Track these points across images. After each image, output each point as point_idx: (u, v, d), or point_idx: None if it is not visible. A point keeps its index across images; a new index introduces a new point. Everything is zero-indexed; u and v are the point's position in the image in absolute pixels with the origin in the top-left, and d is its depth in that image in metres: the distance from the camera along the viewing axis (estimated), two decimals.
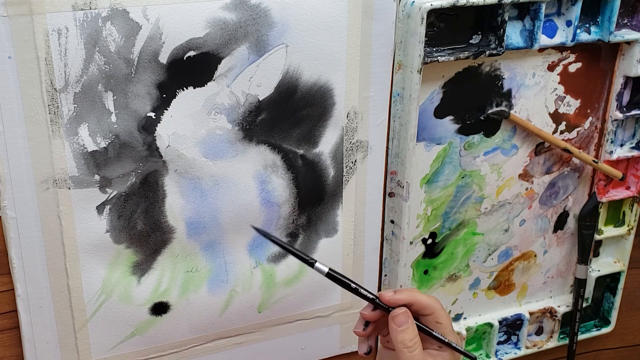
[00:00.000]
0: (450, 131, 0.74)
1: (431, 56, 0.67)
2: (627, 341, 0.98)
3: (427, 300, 0.59)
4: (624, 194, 0.84)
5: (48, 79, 0.56)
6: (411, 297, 0.59)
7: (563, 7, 0.72)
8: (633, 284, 0.93)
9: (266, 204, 0.68)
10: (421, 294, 0.60)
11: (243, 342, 0.73)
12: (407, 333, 0.58)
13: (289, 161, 0.67)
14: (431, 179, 0.75)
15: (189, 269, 0.67)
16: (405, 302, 0.59)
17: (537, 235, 0.84)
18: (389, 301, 0.59)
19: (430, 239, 0.79)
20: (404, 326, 0.58)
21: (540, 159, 0.80)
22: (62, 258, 0.62)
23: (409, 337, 0.58)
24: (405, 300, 0.59)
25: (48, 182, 0.59)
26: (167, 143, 0.62)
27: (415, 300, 0.59)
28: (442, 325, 0.59)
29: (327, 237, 0.72)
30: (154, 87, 0.60)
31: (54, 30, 0.55)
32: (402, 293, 0.59)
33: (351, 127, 0.69)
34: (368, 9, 0.65)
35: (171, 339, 0.69)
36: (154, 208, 0.64)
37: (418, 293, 0.60)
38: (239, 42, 0.61)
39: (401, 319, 0.58)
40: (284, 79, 0.64)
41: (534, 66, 0.74)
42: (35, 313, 0.63)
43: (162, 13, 0.57)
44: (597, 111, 0.80)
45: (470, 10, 0.69)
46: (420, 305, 0.59)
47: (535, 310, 0.88)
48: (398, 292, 0.59)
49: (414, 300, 0.59)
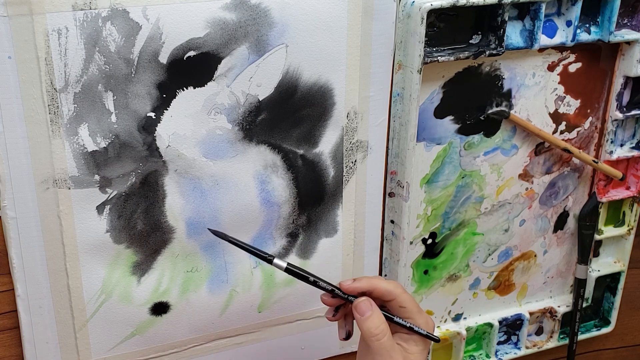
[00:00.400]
0: (450, 131, 0.74)
1: (431, 56, 0.67)
2: (627, 341, 0.98)
3: (387, 285, 0.59)
4: (624, 194, 0.84)
5: (48, 79, 0.56)
6: (370, 285, 0.59)
7: (563, 7, 0.72)
8: (633, 284, 0.93)
9: (266, 204, 0.68)
10: (381, 280, 0.60)
11: (243, 342, 0.73)
12: (371, 321, 0.58)
13: (289, 161, 0.67)
14: (431, 179, 0.75)
15: (189, 269, 0.67)
16: (365, 289, 0.59)
17: (537, 235, 0.84)
18: (348, 290, 0.59)
19: (430, 239, 0.79)
20: (367, 314, 0.58)
21: (540, 159, 0.80)
22: (62, 258, 0.62)
23: (374, 325, 0.57)
24: (364, 288, 0.59)
25: (48, 182, 0.59)
26: (167, 143, 0.62)
27: (375, 287, 0.59)
28: (406, 309, 0.59)
29: (327, 237, 0.72)
30: (154, 87, 0.60)
31: (54, 30, 0.55)
32: (361, 281, 0.59)
33: (351, 127, 0.69)
34: (368, 9, 0.65)
35: (171, 339, 0.69)
36: (154, 208, 0.64)
37: (378, 280, 0.60)
38: (239, 42, 0.61)
39: (362, 307, 0.58)
40: (284, 79, 0.64)
41: (534, 66, 0.74)
42: (35, 313, 0.63)
43: (162, 13, 0.57)
44: (597, 111, 0.80)
45: (470, 10, 0.69)
46: (380, 292, 0.59)
47: (535, 310, 0.88)
48: (357, 281, 0.59)
49: (373, 287, 0.59)
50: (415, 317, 0.59)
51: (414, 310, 0.59)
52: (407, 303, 0.59)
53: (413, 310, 0.59)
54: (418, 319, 0.59)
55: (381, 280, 0.60)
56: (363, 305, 0.58)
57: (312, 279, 0.59)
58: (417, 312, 0.60)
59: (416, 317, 0.59)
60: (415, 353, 0.59)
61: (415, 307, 0.60)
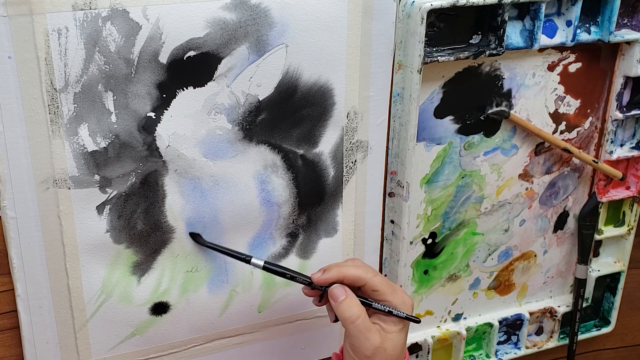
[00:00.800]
0: (450, 131, 0.74)
1: (431, 56, 0.67)
2: (627, 341, 0.98)
3: (355, 272, 0.61)
4: (624, 194, 0.84)
5: (48, 79, 0.56)
6: (339, 274, 0.61)
7: (563, 7, 0.72)
8: (633, 284, 0.93)
9: (266, 204, 0.68)
10: (349, 267, 0.61)
11: (243, 342, 0.73)
12: (343, 305, 0.60)
13: (289, 161, 0.67)
14: (431, 179, 0.75)
15: (189, 269, 0.67)
16: (335, 279, 0.61)
17: (537, 235, 0.84)
18: (318, 282, 0.61)
19: (430, 239, 0.79)
20: (340, 298, 0.60)
21: (540, 159, 0.80)
22: (62, 258, 0.62)
23: (346, 308, 0.59)
24: (333, 278, 0.61)
25: (48, 182, 0.59)
26: (167, 143, 0.62)
27: (344, 275, 0.61)
28: (379, 292, 0.61)
29: (327, 237, 0.72)
30: (154, 87, 0.60)
31: (54, 30, 0.55)
32: (329, 271, 0.61)
33: (351, 127, 0.69)
34: (368, 9, 0.65)
35: (171, 339, 0.69)
36: (154, 208, 0.64)
37: (346, 267, 0.61)
38: (239, 42, 0.61)
39: (335, 292, 0.60)
40: (284, 79, 0.64)
41: (534, 66, 0.74)
42: (35, 313, 0.63)
43: (162, 13, 0.57)
44: (597, 111, 0.80)
45: (470, 10, 0.69)
46: (350, 279, 0.61)
47: (535, 310, 0.88)
48: (327, 271, 0.61)
49: (342, 276, 0.61)
50: (390, 299, 0.61)
51: (387, 292, 0.61)
52: (378, 286, 0.61)
53: (386, 292, 0.61)
54: (393, 299, 0.61)
55: (349, 268, 0.61)
56: (336, 291, 0.61)
57: (289, 275, 0.63)
58: (391, 294, 0.61)
59: (391, 298, 0.61)
60: (394, 332, 0.61)
61: (389, 289, 0.61)
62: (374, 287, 0.61)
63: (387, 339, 0.60)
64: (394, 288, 0.62)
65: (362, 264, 0.63)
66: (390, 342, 0.61)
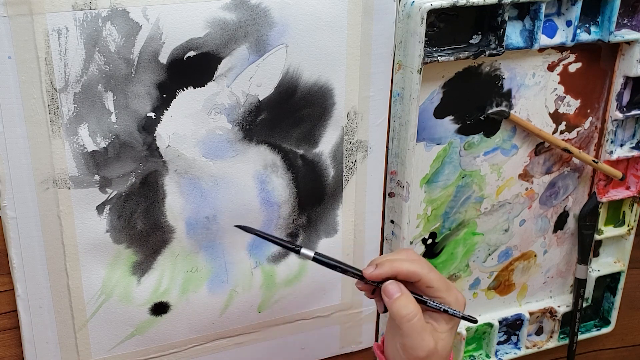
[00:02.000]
0: (450, 131, 0.74)
1: (431, 56, 0.67)
2: (627, 341, 0.98)
3: (409, 267, 0.58)
4: (624, 194, 0.84)
5: (48, 79, 0.56)
6: (392, 270, 0.58)
7: (563, 7, 0.72)
8: (633, 284, 0.93)
9: (266, 204, 0.68)
10: (403, 262, 0.59)
11: (243, 342, 0.73)
12: (399, 303, 0.57)
13: (289, 161, 0.67)
14: (431, 179, 0.75)
15: (189, 269, 0.67)
16: (388, 275, 0.58)
17: (537, 235, 0.84)
18: (370, 278, 0.59)
19: (430, 239, 0.79)
20: (395, 295, 0.57)
21: (540, 159, 0.80)
22: (62, 258, 0.62)
23: (402, 306, 0.57)
24: (386, 274, 0.58)
25: (48, 182, 0.59)
26: (167, 143, 0.62)
27: (398, 270, 0.58)
28: (433, 289, 0.58)
29: (327, 237, 0.72)
30: (154, 87, 0.60)
31: (54, 30, 0.55)
32: (382, 267, 0.58)
33: (351, 127, 0.69)
34: (368, 9, 0.65)
35: (171, 339, 0.69)
36: (153, 208, 0.64)
37: (400, 262, 0.59)
38: (239, 42, 0.61)
39: (389, 290, 0.58)
40: (284, 79, 0.64)
41: (534, 66, 0.74)
42: (35, 313, 0.63)
43: (162, 13, 0.57)
44: (597, 111, 0.80)
45: (470, 10, 0.69)
46: (404, 274, 0.58)
47: (535, 310, 0.88)
48: (379, 267, 0.59)
49: (396, 272, 0.58)
50: (444, 296, 0.58)
51: (442, 289, 0.58)
52: (434, 282, 0.58)
53: (441, 289, 0.58)
54: (447, 297, 0.58)
55: (404, 262, 0.58)
56: (390, 288, 0.58)
57: (340, 268, 0.59)
58: (445, 291, 0.58)
59: (445, 295, 0.58)
60: (445, 332, 0.59)
61: (444, 285, 0.58)
62: (429, 283, 0.58)
63: (439, 339, 0.58)
64: (448, 285, 0.59)
65: (417, 257, 0.60)
66: (442, 342, 0.58)
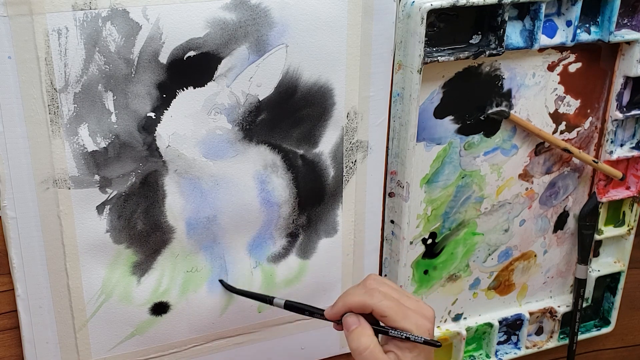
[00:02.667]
0: (450, 131, 0.74)
1: (431, 56, 0.67)
2: (627, 341, 0.98)
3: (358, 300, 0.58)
4: (624, 194, 0.84)
5: (48, 79, 0.56)
6: (344, 306, 0.58)
7: (563, 7, 0.72)
8: (633, 284, 0.93)
9: (266, 204, 0.68)
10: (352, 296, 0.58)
11: (243, 342, 0.73)
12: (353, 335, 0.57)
13: (289, 161, 0.67)
14: (431, 179, 0.75)
15: (189, 269, 0.67)
16: (342, 311, 0.59)
17: (537, 235, 0.84)
18: (329, 316, 0.60)
19: (430, 239, 0.79)
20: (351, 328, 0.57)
21: (540, 159, 0.80)
22: (62, 258, 0.62)
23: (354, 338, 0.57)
24: (341, 311, 0.59)
25: (48, 182, 0.59)
26: (167, 143, 0.62)
27: (348, 305, 0.58)
28: (387, 318, 0.57)
29: (327, 237, 0.72)
30: (154, 87, 0.60)
31: (54, 30, 0.55)
32: (336, 305, 0.59)
33: (351, 127, 0.69)
34: (368, 9, 0.65)
35: (171, 339, 0.69)
36: (154, 208, 0.64)
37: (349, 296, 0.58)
38: (239, 42, 0.61)
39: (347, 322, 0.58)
40: (284, 79, 0.64)
41: (534, 66, 0.74)
42: (35, 313, 0.63)
43: (162, 13, 0.57)
44: (597, 111, 0.80)
45: (470, 10, 0.69)
46: (355, 308, 0.58)
47: (535, 310, 0.88)
48: (334, 305, 0.59)
49: (347, 307, 0.58)
50: (402, 324, 0.57)
51: (396, 318, 0.57)
52: (386, 311, 0.57)
53: (395, 318, 0.57)
54: (405, 324, 0.57)
55: (353, 296, 0.58)
56: (348, 321, 0.58)
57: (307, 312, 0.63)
58: (402, 319, 0.57)
59: (403, 323, 0.57)
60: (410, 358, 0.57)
61: (399, 314, 0.57)
62: (381, 312, 0.57)
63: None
64: (405, 312, 0.57)
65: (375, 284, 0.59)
66: None
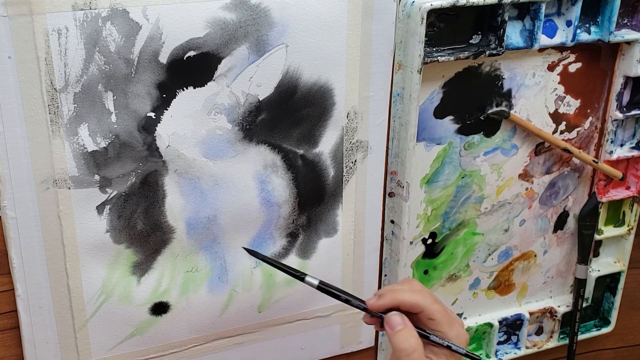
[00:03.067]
0: (450, 131, 0.74)
1: (431, 56, 0.67)
2: (627, 341, 0.98)
3: (412, 298, 0.57)
4: (624, 194, 0.84)
5: (48, 79, 0.56)
6: (394, 300, 0.57)
7: (563, 7, 0.72)
8: (633, 284, 0.93)
9: (266, 204, 0.68)
10: (405, 293, 0.57)
11: (243, 342, 0.73)
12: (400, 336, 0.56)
13: (289, 161, 0.67)
14: (431, 179, 0.75)
15: (189, 269, 0.67)
16: (390, 305, 0.57)
17: (537, 235, 0.84)
18: (373, 308, 0.58)
19: (430, 239, 0.79)
20: (397, 328, 0.56)
21: (540, 159, 0.80)
22: (62, 258, 0.62)
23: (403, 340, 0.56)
24: (389, 304, 0.57)
25: (48, 182, 0.59)
26: (167, 143, 0.62)
27: (400, 301, 0.57)
28: (435, 322, 0.57)
29: (327, 237, 0.72)
30: (154, 87, 0.60)
31: (54, 30, 0.55)
32: (384, 297, 0.57)
33: (351, 127, 0.69)
34: (368, 9, 0.65)
35: (171, 339, 0.69)
36: (154, 208, 0.64)
37: (401, 292, 0.57)
38: (239, 42, 0.61)
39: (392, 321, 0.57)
40: (284, 79, 0.64)
41: (534, 66, 0.74)
42: (35, 313, 0.63)
43: (162, 13, 0.57)
44: (597, 111, 0.80)
45: (470, 10, 0.69)
46: (406, 305, 0.57)
47: (535, 310, 0.88)
48: (381, 297, 0.58)
49: (398, 302, 0.57)
50: (446, 330, 0.57)
51: (444, 323, 0.57)
52: (436, 315, 0.56)
53: (443, 323, 0.57)
54: (449, 331, 0.57)
55: (407, 293, 0.57)
56: (393, 320, 0.57)
57: (343, 297, 0.59)
58: (448, 325, 0.57)
59: (447, 330, 0.57)
60: None
61: (446, 319, 0.57)
62: (431, 315, 0.56)
63: None
64: (451, 319, 0.57)
65: (420, 287, 0.59)
66: None
